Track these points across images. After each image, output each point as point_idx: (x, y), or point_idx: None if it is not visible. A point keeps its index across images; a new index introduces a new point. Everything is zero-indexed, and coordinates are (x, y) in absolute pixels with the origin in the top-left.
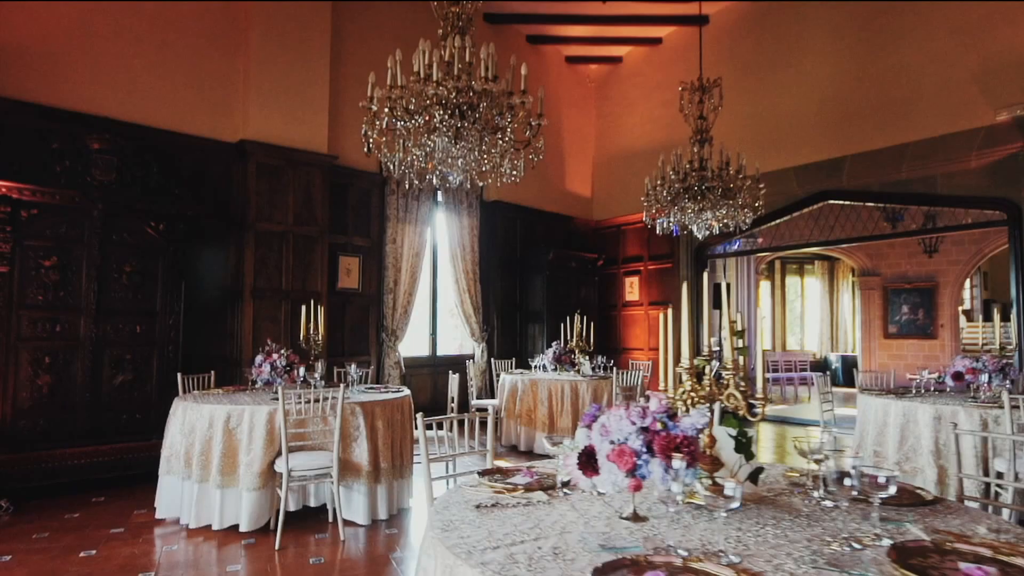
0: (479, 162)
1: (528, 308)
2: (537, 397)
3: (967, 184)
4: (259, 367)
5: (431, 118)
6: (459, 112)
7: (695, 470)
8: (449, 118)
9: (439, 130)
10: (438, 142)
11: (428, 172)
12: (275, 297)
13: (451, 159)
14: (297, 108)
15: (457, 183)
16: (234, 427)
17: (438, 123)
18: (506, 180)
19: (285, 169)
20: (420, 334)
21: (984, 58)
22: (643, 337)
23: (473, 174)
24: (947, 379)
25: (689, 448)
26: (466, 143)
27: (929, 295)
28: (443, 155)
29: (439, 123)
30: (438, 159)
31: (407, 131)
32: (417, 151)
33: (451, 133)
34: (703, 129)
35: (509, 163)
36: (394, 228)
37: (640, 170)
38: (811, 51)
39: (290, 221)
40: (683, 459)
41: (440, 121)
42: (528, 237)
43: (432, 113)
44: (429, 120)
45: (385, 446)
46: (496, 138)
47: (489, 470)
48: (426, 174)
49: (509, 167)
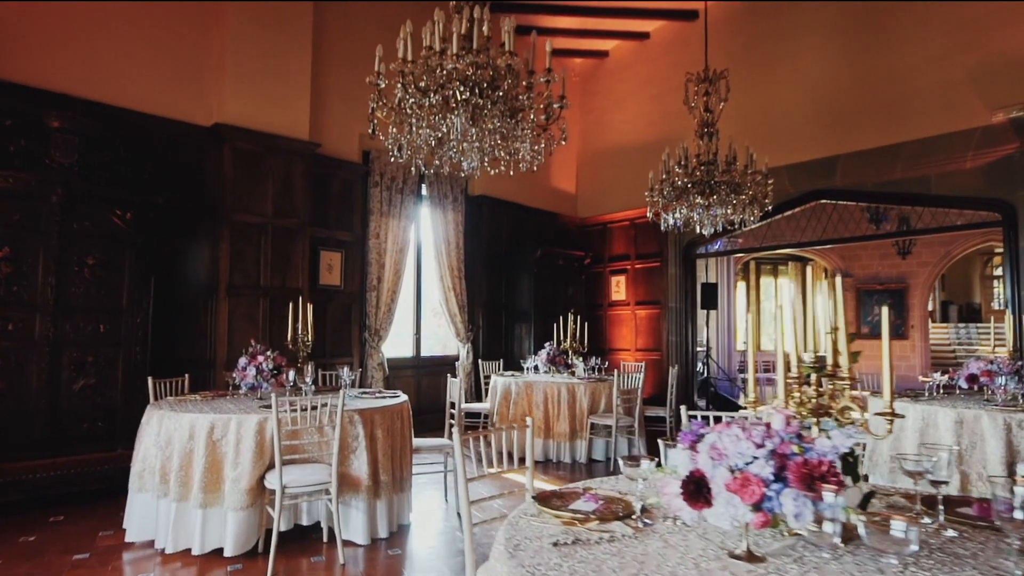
0: (498, 146)
1: (514, 307)
2: (532, 401)
3: (962, 185)
4: (243, 371)
5: (449, 95)
6: (479, 90)
7: (840, 501)
8: (469, 96)
9: (456, 109)
10: (456, 122)
11: (438, 157)
12: (253, 294)
13: (468, 142)
14: (277, 91)
15: (472, 169)
16: (219, 439)
17: (459, 101)
18: (522, 168)
19: (264, 156)
20: (403, 334)
21: (980, 58)
22: (630, 337)
23: (487, 160)
24: (960, 381)
25: (835, 477)
26: (486, 125)
27: (900, 296)
28: (460, 137)
29: (460, 101)
30: (453, 142)
31: (420, 110)
32: (430, 132)
33: (470, 113)
34: (709, 122)
35: (529, 148)
36: (377, 222)
37: (627, 167)
38: (805, 49)
39: (269, 212)
40: (833, 490)
41: (459, 99)
42: (514, 233)
43: (452, 89)
44: (446, 98)
45: (385, 457)
46: (517, 120)
47: (544, 494)
48: (435, 160)
49: (529, 153)
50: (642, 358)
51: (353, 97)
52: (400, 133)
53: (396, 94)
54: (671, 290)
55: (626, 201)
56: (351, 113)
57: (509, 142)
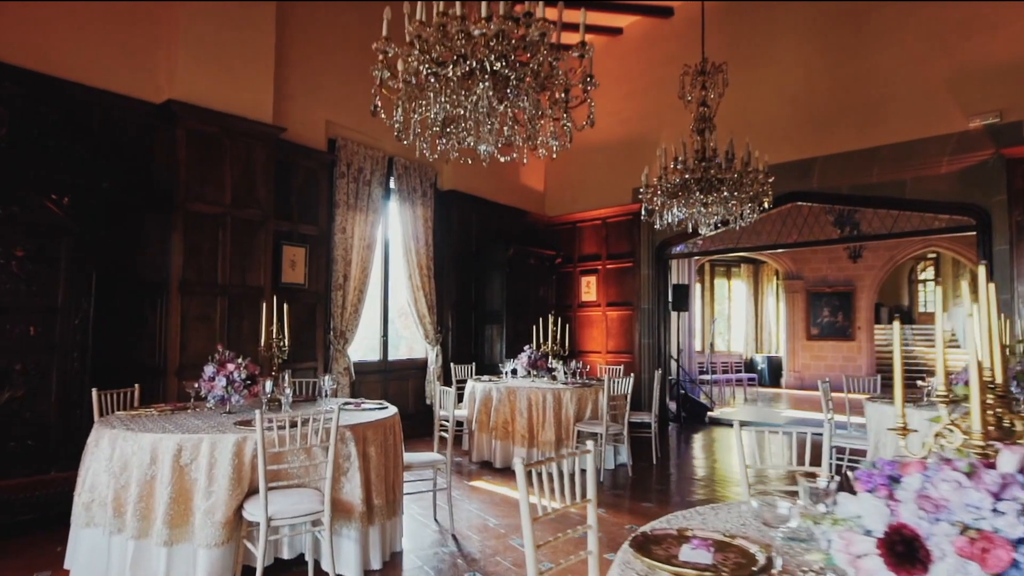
0: (516, 130)
1: (485, 308)
2: (515, 407)
3: (937, 189)
4: (210, 381)
5: (475, 66)
6: (505, 62)
7: None
8: (494, 69)
9: (482, 83)
10: (481, 97)
11: (447, 140)
12: (209, 292)
13: (489, 122)
14: (237, 67)
15: (487, 154)
16: (187, 463)
17: (490, 72)
18: (540, 155)
19: (222, 139)
20: (367, 337)
21: (957, 65)
22: (600, 339)
23: (500, 145)
24: (959, 386)
25: None
26: (518, 102)
27: (848, 299)
28: (484, 116)
29: (490, 72)
30: (470, 123)
31: (439, 82)
32: (448, 108)
33: (493, 89)
34: (707, 117)
35: (559, 129)
36: (344, 216)
37: (598, 166)
38: (784, 50)
39: (228, 202)
40: None
41: (490, 70)
42: (484, 231)
43: (482, 58)
44: (472, 69)
45: (379, 478)
46: (543, 97)
47: (638, 539)
48: (439, 144)
49: (553, 136)
50: (613, 360)
51: (320, 81)
52: (412, 110)
53: (411, 62)
54: (644, 291)
55: (598, 200)
56: (317, 97)
57: (532, 123)
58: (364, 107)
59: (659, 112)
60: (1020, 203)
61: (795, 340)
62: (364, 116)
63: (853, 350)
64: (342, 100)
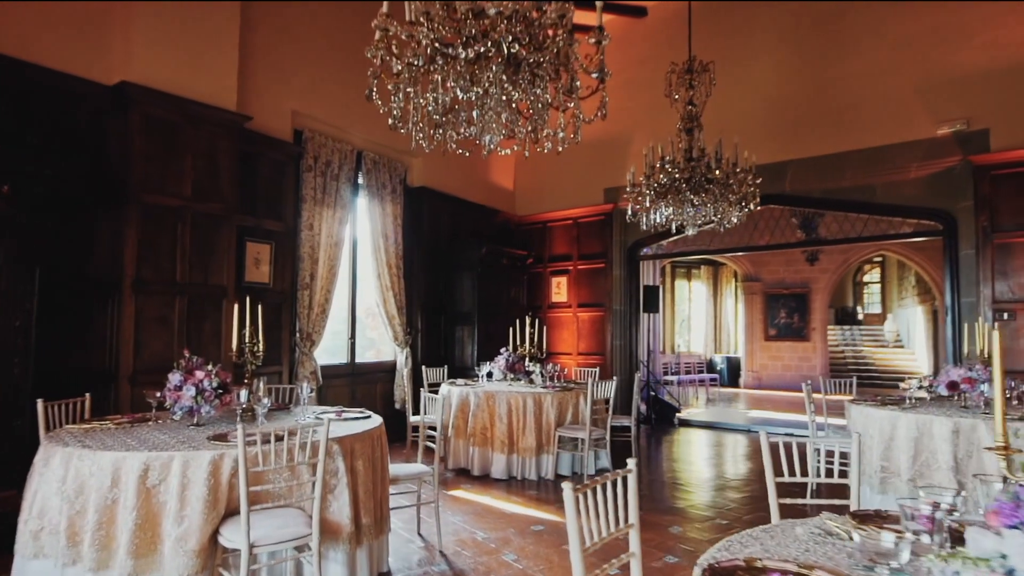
0: (525, 117)
1: (455, 309)
2: (494, 412)
3: (906, 194)
4: (176, 390)
5: (488, 48)
6: (520, 44)
7: None
8: (512, 51)
9: (495, 65)
10: (493, 78)
11: (442, 129)
12: (167, 291)
13: (497, 110)
14: (198, 49)
15: (494, 145)
16: (155, 484)
17: (506, 55)
18: (542, 150)
19: (182, 127)
20: (334, 339)
21: (926, 72)
22: (571, 341)
23: (502, 137)
24: (941, 389)
25: None
26: (533, 88)
27: (803, 300)
28: (492, 101)
29: (508, 55)
30: (470, 111)
31: (446, 63)
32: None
33: (505, 74)
34: (694, 116)
35: (562, 123)
36: (311, 211)
37: (569, 165)
38: (757, 54)
39: (188, 194)
40: None
41: (507, 52)
42: (455, 230)
43: (498, 38)
44: (488, 48)
45: (367, 494)
46: (550, 86)
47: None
48: (436, 132)
49: (562, 127)
50: (584, 362)
51: (286, 68)
52: (418, 94)
53: (420, 40)
54: (615, 292)
55: (569, 200)
56: (284, 86)
57: (541, 113)
58: (333, 97)
59: (632, 113)
60: (986, 209)
61: (753, 341)
62: (333, 107)
63: (808, 350)
64: (310, 89)
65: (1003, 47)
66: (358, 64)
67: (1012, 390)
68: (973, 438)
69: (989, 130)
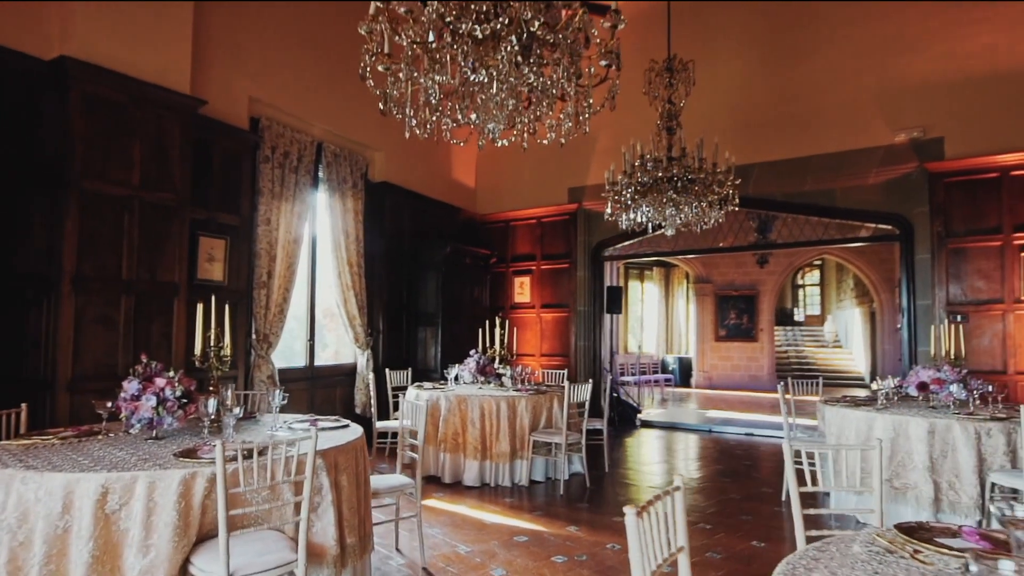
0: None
1: (418, 309)
2: (467, 417)
3: (865, 199)
4: (132, 400)
5: (503, 27)
6: (537, 20)
7: None
8: (531, 29)
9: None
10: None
11: (444, 114)
12: (111, 289)
13: (505, 93)
14: (148, 23)
15: (496, 133)
16: (115, 510)
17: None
18: (545, 142)
19: (129, 109)
20: (291, 341)
21: (884, 81)
22: (535, 342)
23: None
24: (911, 389)
25: None
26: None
27: (752, 302)
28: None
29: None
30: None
31: (457, 40)
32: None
33: (521, 55)
34: (673, 115)
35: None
36: (268, 205)
37: (532, 163)
38: (723, 57)
39: (135, 182)
40: None
41: (526, 31)
42: (417, 227)
43: (515, 15)
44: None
45: (351, 511)
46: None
47: None
48: (429, 121)
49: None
50: (547, 364)
51: (243, 50)
52: (421, 75)
53: (430, 16)
54: (580, 293)
55: (532, 199)
56: (240, 69)
57: (549, 100)
58: (292, 84)
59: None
60: (940, 215)
61: (704, 341)
62: (292, 94)
63: (757, 351)
64: (268, 75)
65: (957, 58)
66: (320, 50)
67: (975, 390)
68: (948, 438)
69: (944, 138)
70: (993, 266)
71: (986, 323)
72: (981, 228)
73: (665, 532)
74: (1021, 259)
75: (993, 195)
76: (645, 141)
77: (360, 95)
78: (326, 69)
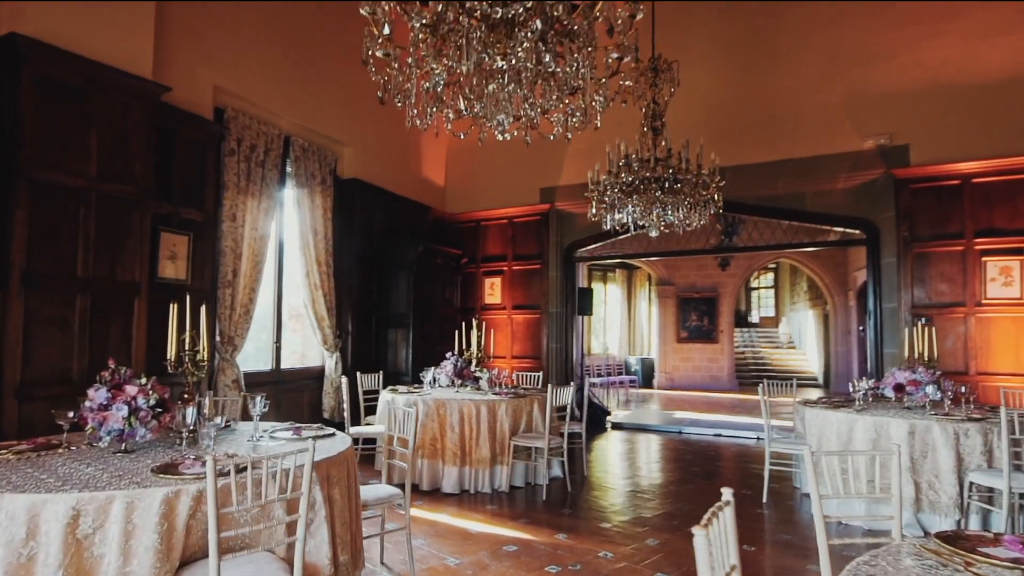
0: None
1: (388, 310)
2: (445, 422)
3: (834, 204)
4: (100, 410)
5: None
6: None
7: None
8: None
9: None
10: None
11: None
12: (66, 288)
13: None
14: (108, 2)
15: (504, 127)
16: (88, 534)
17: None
18: (551, 137)
19: (87, 93)
20: (256, 343)
21: (851, 89)
22: (505, 344)
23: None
24: (888, 391)
25: None
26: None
27: (712, 304)
28: (522, 68)
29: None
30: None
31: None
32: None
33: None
34: (657, 114)
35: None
36: (233, 200)
37: (504, 162)
38: (695, 61)
39: (93, 173)
40: None
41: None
42: (387, 226)
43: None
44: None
45: (343, 527)
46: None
47: None
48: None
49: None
50: (519, 366)
51: (208, 36)
52: (431, 60)
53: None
54: (552, 294)
55: (503, 198)
56: (205, 56)
57: (560, 91)
58: (259, 73)
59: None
60: (906, 220)
61: (666, 343)
62: (259, 85)
63: (717, 352)
64: (234, 63)
65: (921, 69)
66: (289, 40)
67: (949, 391)
68: (928, 438)
69: (909, 145)
70: (956, 270)
71: (949, 325)
72: (945, 233)
73: (719, 550)
74: (982, 264)
75: (956, 201)
76: (621, 142)
77: (330, 88)
78: (295, 60)
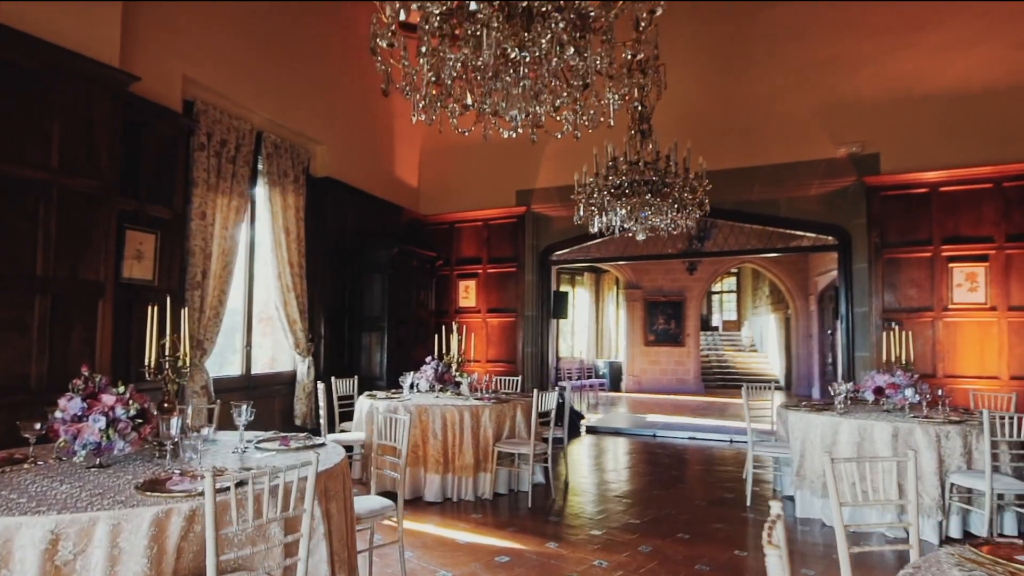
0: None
1: (362, 313)
2: (427, 429)
3: (807, 210)
4: (74, 422)
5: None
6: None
7: None
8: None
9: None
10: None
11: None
12: (23, 288)
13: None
14: None
15: (517, 123)
16: (69, 559)
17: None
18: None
19: (48, 79)
20: (224, 347)
21: (824, 97)
22: (480, 347)
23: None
24: (867, 394)
25: None
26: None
27: (679, 308)
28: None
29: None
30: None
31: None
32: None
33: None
34: (645, 117)
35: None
36: (203, 198)
37: (479, 163)
38: (673, 66)
39: (54, 165)
40: None
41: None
42: (361, 227)
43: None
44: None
45: (340, 543)
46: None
47: None
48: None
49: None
50: (493, 370)
51: (177, 24)
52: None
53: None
54: (528, 297)
55: (478, 200)
56: (174, 45)
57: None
58: (230, 66)
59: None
60: (877, 227)
61: (634, 346)
62: (231, 77)
63: (683, 355)
64: (204, 54)
65: (891, 79)
66: (262, 32)
67: (926, 394)
68: (911, 441)
69: (880, 154)
70: (924, 276)
71: (917, 329)
72: (914, 240)
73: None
74: (949, 270)
75: (924, 209)
76: (609, 143)
77: (303, 84)
78: (268, 53)
